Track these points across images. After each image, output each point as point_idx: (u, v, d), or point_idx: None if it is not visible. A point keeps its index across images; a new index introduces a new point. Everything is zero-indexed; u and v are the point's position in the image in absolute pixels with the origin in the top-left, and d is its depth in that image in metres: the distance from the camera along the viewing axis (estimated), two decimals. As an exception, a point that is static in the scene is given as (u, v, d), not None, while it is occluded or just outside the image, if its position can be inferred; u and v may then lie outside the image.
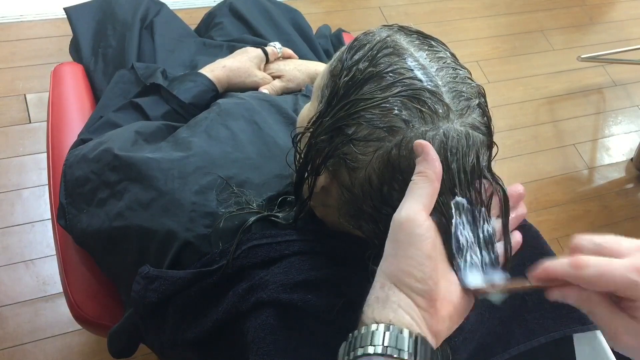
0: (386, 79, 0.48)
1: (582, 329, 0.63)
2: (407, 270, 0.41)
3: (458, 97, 0.48)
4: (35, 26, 1.75)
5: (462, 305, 0.44)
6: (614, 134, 1.98)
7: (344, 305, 0.54)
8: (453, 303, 0.43)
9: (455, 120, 0.47)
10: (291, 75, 0.96)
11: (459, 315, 0.44)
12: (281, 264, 0.57)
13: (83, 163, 0.78)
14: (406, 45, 0.50)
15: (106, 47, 1.05)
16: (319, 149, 0.52)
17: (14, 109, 1.57)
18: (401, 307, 0.41)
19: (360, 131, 0.48)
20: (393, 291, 0.41)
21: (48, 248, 1.35)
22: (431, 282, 0.41)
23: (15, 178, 1.45)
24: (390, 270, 0.42)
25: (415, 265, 0.41)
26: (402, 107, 0.47)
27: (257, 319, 0.54)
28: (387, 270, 0.42)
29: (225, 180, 0.66)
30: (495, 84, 2.01)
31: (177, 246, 0.64)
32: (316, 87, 0.56)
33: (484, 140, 0.49)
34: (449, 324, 0.43)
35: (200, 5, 1.93)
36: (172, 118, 0.86)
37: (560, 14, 2.30)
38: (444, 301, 0.42)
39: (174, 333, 0.63)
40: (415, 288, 0.41)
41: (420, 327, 0.41)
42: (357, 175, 0.50)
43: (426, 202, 0.43)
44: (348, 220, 0.54)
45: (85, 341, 1.26)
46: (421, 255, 0.41)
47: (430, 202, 0.43)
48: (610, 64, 2.14)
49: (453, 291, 0.44)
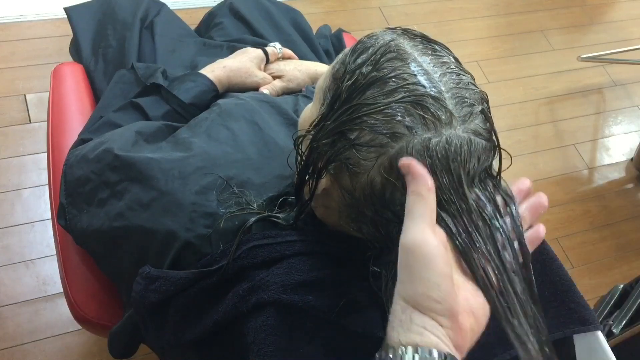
0: (389, 84, 0.48)
1: (582, 329, 0.63)
2: (424, 294, 0.41)
3: (461, 104, 0.48)
4: (35, 26, 1.75)
5: (482, 314, 0.44)
6: (614, 134, 1.98)
7: (344, 305, 0.54)
8: (473, 313, 0.43)
9: (457, 127, 0.47)
10: (291, 75, 0.96)
11: (479, 325, 0.44)
12: (282, 265, 0.57)
13: (83, 163, 0.78)
14: (410, 49, 0.50)
15: (106, 47, 1.05)
16: (320, 153, 0.52)
17: (14, 109, 1.57)
18: (427, 329, 0.40)
19: (363, 136, 0.48)
20: (416, 314, 0.41)
21: (48, 248, 1.35)
22: (450, 300, 0.41)
23: (15, 178, 1.45)
24: (408, 294, 0.42)
25: (432, 287, 0.41)
26: (405, 113, 0.47)
27: (257, 320, 0.54)
28: (405, 295, 0.42)
29: (225, 181, 0.66)
30: (495, 84, 2.01)
31: (178, 246, 0.64)
32: (318, 89, 0.56)
33: (487, 146, 0.49)
34: (471, 336, 0.43)
35: (200, 5, 1.93)
36: (173, 118, 0.86)
37: (560, 14, 2.30)
38: (465, 314, 0.42)
39: (174, 333, 0.63)
40: (436, 309, 0.41)
41: (448, 346, 0.40)
42: (358, 180, 0.50)
43: (427, 220, 0.43)
44: (348, 222, 0.54)
45: (85, 341, 1.26)
46: (436, 275, 0.41)
47: (431, 219, 0.43)
48: (610, 64, 2.14)
49: (471, 300, 0.44)
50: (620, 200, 1.80)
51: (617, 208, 1.78)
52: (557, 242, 1.67)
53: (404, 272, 0.42)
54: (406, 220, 0.43)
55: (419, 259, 0.41)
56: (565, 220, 1.73)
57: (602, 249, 1.69)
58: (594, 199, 1.79)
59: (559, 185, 1.80)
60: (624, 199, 1.81)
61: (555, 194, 1.77)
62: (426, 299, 0.41)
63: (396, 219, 0.48)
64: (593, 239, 1.70)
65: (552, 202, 1.74)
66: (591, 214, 1.75)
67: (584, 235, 1.71)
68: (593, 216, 1.75)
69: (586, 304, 0.64)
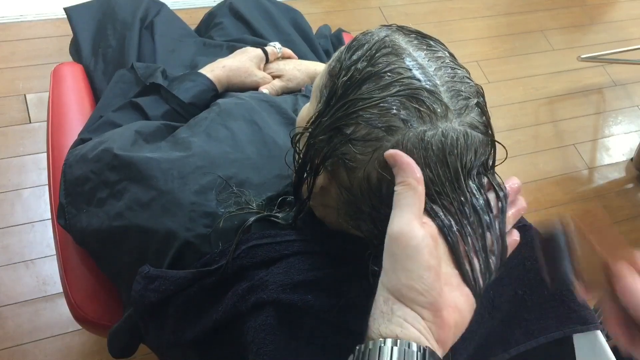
0: (384, 79, 0.48)
1: (582, 329, 0.63)
2: (408, 284, 0.40)
3: (456, 97, 0.48)
4: (35, 26, 1.75)
5: (467, 310, 0.44)
6: (614, 134, 1.98)
7: (343, 305, 0.54)
8: (459, 309, 0.43)
9: (453, 120, 0.47)
10: (291, 75, 0.96)
11: (464, 320, 0.44)
12: (281, 264, 0.57)
13: (83, 163, 0.78)
14: (405, 45, 0.50)
15: (106, 47, 1.05)
16: (317, 149, 0.52)
17: (14, 109, 1.57)
18: (407, 321, 0.40)
19: (359, 131, 0.48)
20: (397, 306, 0.41)
21: (48, 248, 1.35)
22: (434, 293, 0.40)
23: (15, 178, 1.45)
24: (392, 284, 0.41)
25: (415, 278, 0.40)
26: (401, 106, 0.47)
27: (257, 319, 0.54)
28: (389, 285, 0.42)
29: (225, 180, 0.66)
30: (495, 84, 2.01)
31: (177, 246, 0.64)
32: (315, 87, 0.56)
33: (483, 139, 0.49)
34: (454, 331, 0.42)
35: (200, 5, 1.93)
36: (172, 118, 0.86)
37: (560, 14, 2.30)
38: (450, 309, 0.42)
39: (174, 333, 0.63)
40: (418, 301, 0.40)
41: (428, 340, 0.40)
42: (355, 175, 0.50)
43: (415, 210, 0.43)
44: (347, 220, 0.54)
45: (85, 341, 1.26)
46: (420, 267, 0.41)
47: (419, 210, 0.43)
48: (610, 64, 2.14)
49: (458, 296, 0.43)
50: (620, 200, 1.80)
51: (617, 208, 1.78)
52: (557, 242, 1.67)
53: (388, 261, 0.42)
54: (393, 211, 0.43)
55: (403, 249, 0.41)
56: (565, 220, 1.72)
57: (602, 249, 1.69)
58: (594, 199, 1.79)
59: (559, 185, 1.80)
60: (624, 199, 1.81)
61: (555, 194, 1.77)
62: (409, 290, 0.40)
63: None
64: (593, 239, 1.70)
65: (552, 202, 1.74)
66: (591, 214, 1.75)
67: (584, 235, 1.70)
68: (593, 216, 1.75)
69: (586, 304, 0.64)
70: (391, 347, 0.39)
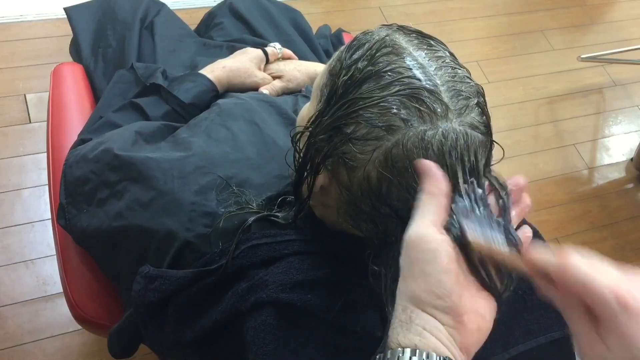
0: (385, 78, 0.48)
1: (582, 328, 0.62)
2: (426, 289, 0.40)
3: (457, 96, 0.48)
4: (35, 26, 1.75)
5: (489, 314, 0.43)
6: (614, 134, 1.98)
7: (343, 304, 0.54)
8: (481, 315, 0.42)
9: (453, 120, 0.47)
10: (291, 75, 0.96)
11: (487, 325, 0.43)
12: (281, 264, 0.57)
13: (83, 163, 0.78)
14: (405, 44, 0.50)
15: (106, 47, 1.05)
16: (317, 148, 0.52)
17: (14, 109, 1.57)
18: (426, 329, 0.39)
19: (359, 130, 0.48)
20: (416, 314, 0.40)
21: (48, 248, 1.35)
22: (454, 297, 0.40)
23: (15, 178, 1.45)
24: (410, 291, 0.41)
25: (434, 282, 0.40)
26: (401, 106, 0.47)
27: (256, 319, 0.54)
28: (407, 292, 0.41)
29: (225, 180, 0.66)
30: (495, 84, 2.01)
31: (177, 246, 0.64)
32: (315, 87, 0.56)
33: (483, 139, 0.49)
34: (478, 336, 0.42)
35: (200, 5, 1.93)
36: (172, 118, 0.86)
37: (560, 14, 2.30)
38: (471, 314, 0.41)
39: (174, 333, 0.63)
40: (438, 305, 0.40)
41: (448, 348, 0.39)
42: (355, 175, 0.50)
43: (434, 217, 0.42)
44: (347, 220, 0.54)
45: (85, 341, 1.26)
46: (438, 270, 0.40)
47: (438, 218, 0.42)
48: (610, 64, 2.14)
49: (480, 303, 0.42)
50: (620, 200, 1.80)
51: (617, 208, 1.78)
52: (557, 242, 1.67)
53: (406, 267, 0.41)
54: (412, 217, 0.43)
55: (420, 252, 0.41)
56: (565, 220, 1.72)
57: (602, 249, 1.69)
58: (594, 199, 1.79)
59: (559, 185, 1.80)
60: (624, 199, 1.81)
61: (555, 194, 1.77)
62: (428, 294, 0.40)
63: (393, 214, 0.49)
64: (593, 239, 1.70)
65: (552, 202, 1.74)
66: (591, 214, 1.75)
67: (584, 236, 1.70)
68: (593, 216, 1.75)
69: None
70: (410, 357, 0.38)
